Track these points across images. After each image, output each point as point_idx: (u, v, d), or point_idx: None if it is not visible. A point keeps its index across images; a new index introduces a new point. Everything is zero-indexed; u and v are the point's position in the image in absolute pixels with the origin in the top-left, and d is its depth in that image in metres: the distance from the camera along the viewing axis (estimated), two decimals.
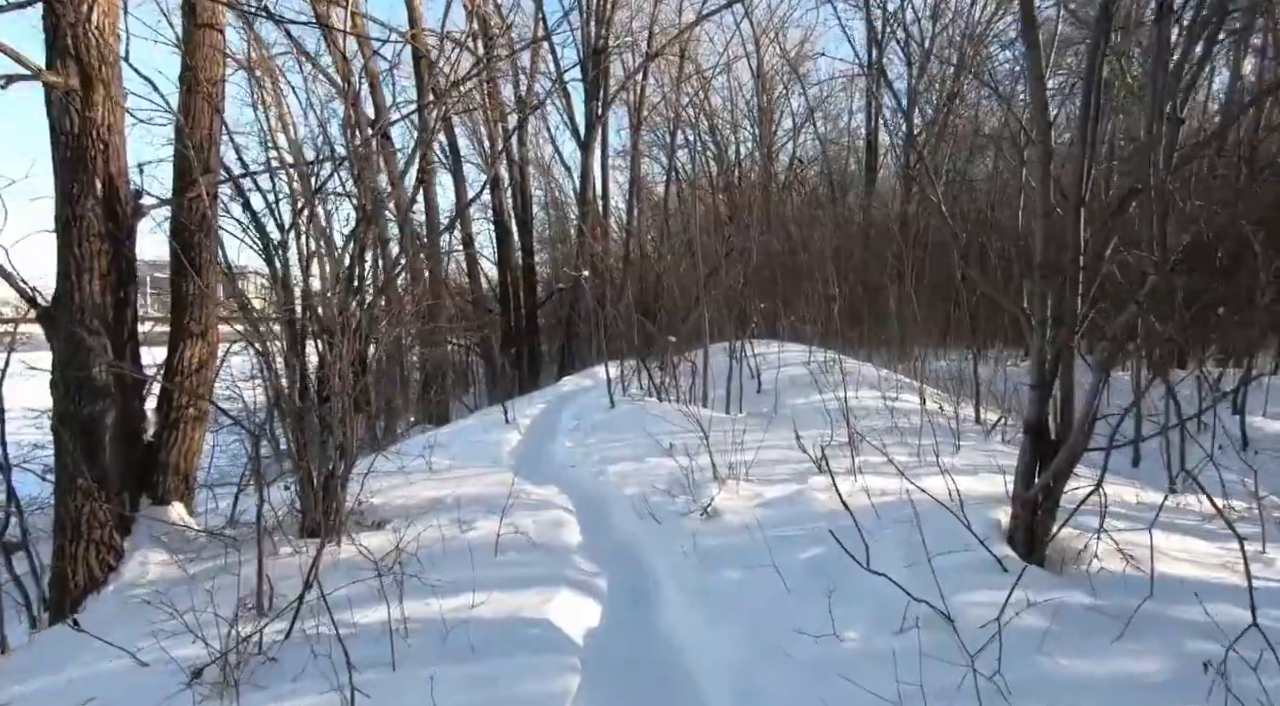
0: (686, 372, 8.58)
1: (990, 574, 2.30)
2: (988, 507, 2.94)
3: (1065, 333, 2.26)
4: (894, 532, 2.90)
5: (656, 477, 4.68)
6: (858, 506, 3.46)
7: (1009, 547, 2.46)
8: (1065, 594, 2.15)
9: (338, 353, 4.18)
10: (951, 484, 3.64)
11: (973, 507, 2.94)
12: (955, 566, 2.31)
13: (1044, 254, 2.22)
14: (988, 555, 2.37)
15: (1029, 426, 2.40)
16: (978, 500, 3.41)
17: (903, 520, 2.97)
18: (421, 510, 4.46)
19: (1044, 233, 2.19)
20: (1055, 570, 2.34)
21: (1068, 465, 2.26)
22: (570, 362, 16.31)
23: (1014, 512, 2.49)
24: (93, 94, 4.22)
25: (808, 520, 3.45)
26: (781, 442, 5.36)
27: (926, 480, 3.89)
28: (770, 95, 21.67)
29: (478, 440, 7.19)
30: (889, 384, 8.04)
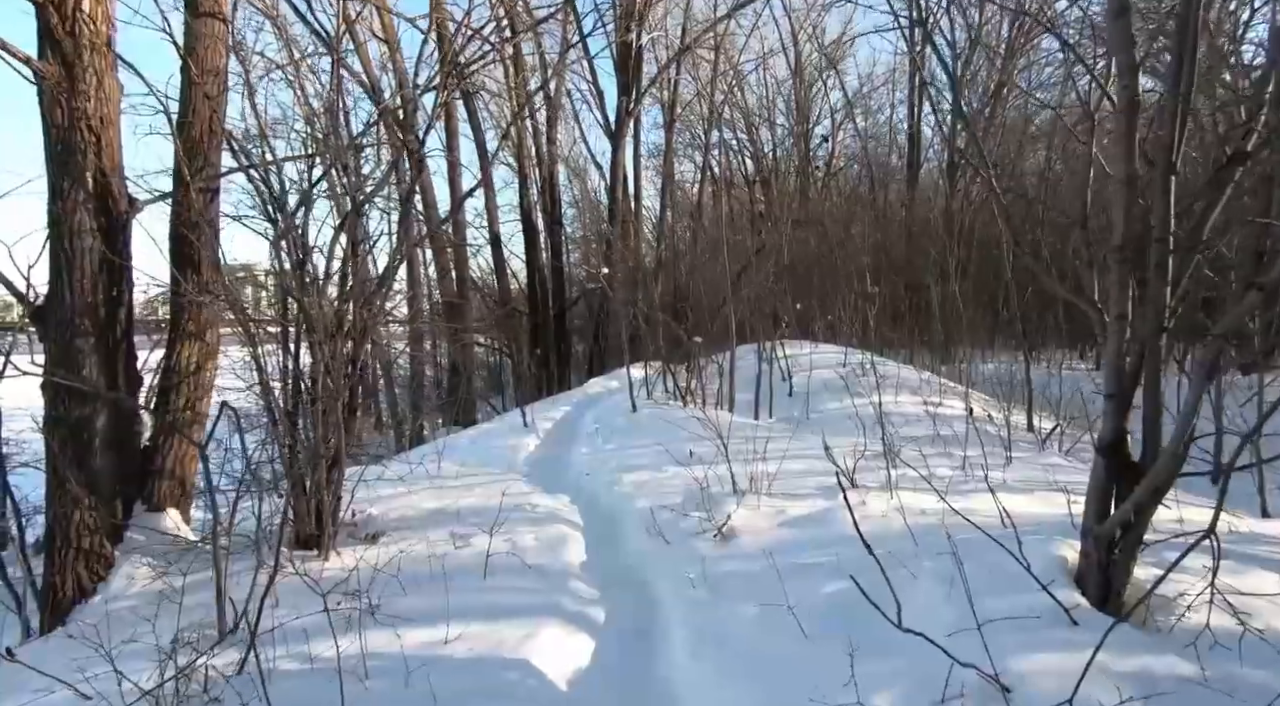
0: (714, 375, 8.18)
1: (1056, 628, 1.87)
2: (1048, 538, 2.49)
3: (1151, 329, 1.82)
4: (935, 567, 2.48)
5: (672, 490, 4.31)
6: (893, 531, 3.04)
7: (1078, 592, 2.01)
8: (1156, 658, 1.71)
9: (329, 353, 3.93)
10: (1003, 505, 3.19)
11: (1030, 537, 2.50)
12: (1012, 615, 1.89)
13: (1125, 232, 1.79)
14: (1052, 602, 1.94)
15: (1104, 445, 1.96)
16: (1035, 526, 2.95)
17: (946, 551, 2.54)
18: (420, 522, 4.18)
19: (1126, 206, 1.76)
20: (1137, 623, 1.90)
21: (1154, 495, 1.81)
22: (599, 364, 16.02)
23: (1084, 549, 2.05)
24: (84, 84, 4.07)
25: (834, 544, 3.04)
26: (810, 452, 4.93)
27: (974, 499, 3.43)
28: (807, 90, 21.06)
29: (494, 445, 6.93)
30: (931, 388, 7.50)
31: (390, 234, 4.45)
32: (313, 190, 3.98)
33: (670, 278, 15.97)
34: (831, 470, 4.19)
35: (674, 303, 10.59)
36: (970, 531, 2.77)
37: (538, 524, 3.92)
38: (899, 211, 17.16)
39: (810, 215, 14.27)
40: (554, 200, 15.00)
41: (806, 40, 20.77)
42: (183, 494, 4.57)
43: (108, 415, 4.14)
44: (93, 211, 4.10)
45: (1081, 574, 2.07)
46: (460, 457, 6.58)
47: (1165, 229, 1.78)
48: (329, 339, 3.98)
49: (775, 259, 8.34)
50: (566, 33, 14.57)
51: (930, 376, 8.17)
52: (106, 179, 4.20)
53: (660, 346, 8.22)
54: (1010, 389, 8.09)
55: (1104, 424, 1.98)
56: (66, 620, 3.90)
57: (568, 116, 18.68)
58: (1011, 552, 2.04)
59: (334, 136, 3.61)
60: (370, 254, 4.02)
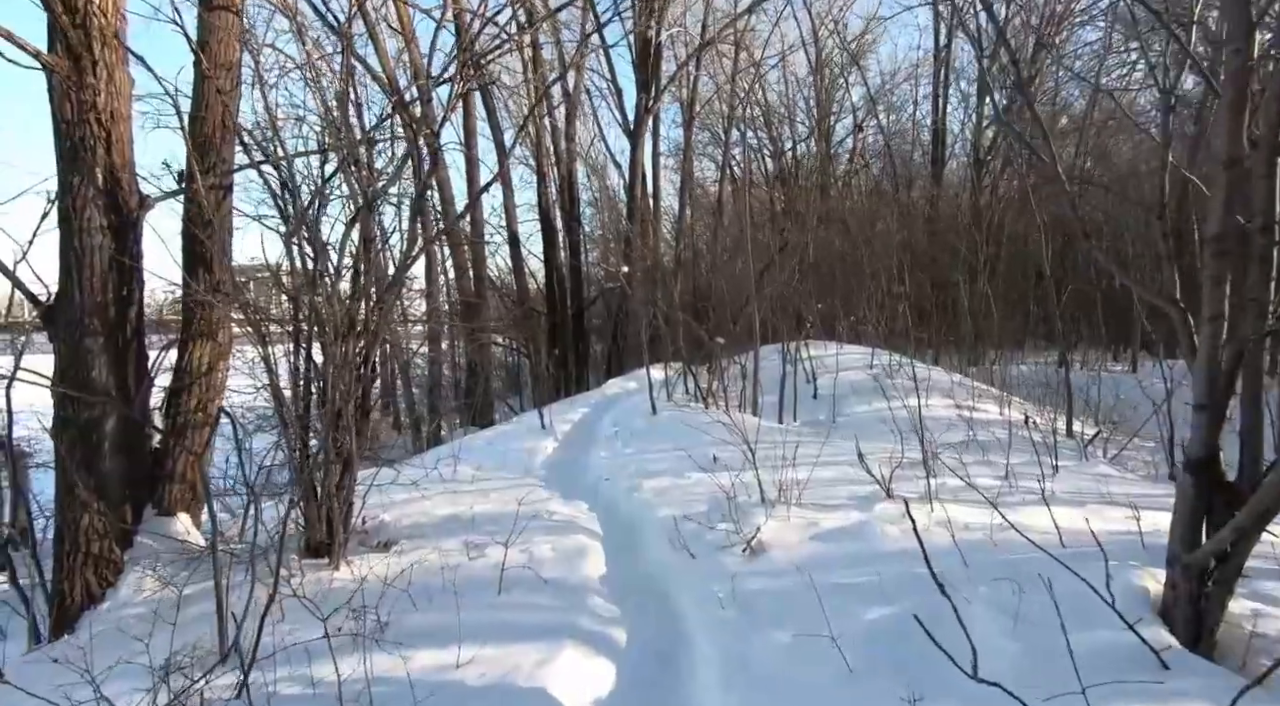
0: (737, 377, 7.96)
1: (1143, 671, 1.64)
2: (1123, 565, 2.25)
3: (1252, 330, 1.59)
4: (992, 595, 2.25)
5: (696, 498, 4.11)
6: (937, 548, 2.81)
7: (1165, 629, 1.78)
8: None
9: (340, 354, 3.79)
10: (1057, 521, 2.96)
11: (1089, 558, 2.27)
12: (1088, 656, 1.67)
13: (1225, 221, 1.56)
14: (1135, 641, 1.71)
15: (1194, 462, 1.73)
16: (1096, 546, 2.70)
17: (1001, 574, 2.32)
18: (433, 530, 4.02)
19: (1227, 191, 1.53)
20: (1235, 664, 1.67)
21: (1259, 520, 1.59)
22: (618, 364, 15.85)
23: (1171, 580, 1.82)
24: (93, 78, 3.97)
25: (874, 562, 2.82)
26: (841, 458, 4.70)
27: (1022, 513, 3.19)
28: (829, 87, 20.69)
29: (512, 447, 6.77)
30: (964, 391, 7.22)
31: (405, 230, 4.33)
32: (326, 186, 3.84)
33: (690, 277, 15.76)
34: (865, 478, 3.97)
35: (694, 302, 10.38)
36: (1025, 551, 2.54)
37: (555, 533, 3.74)
38: (923, 208, 16.78)
39: (833, 212, 13.97)
40: (572, 199, 14.86)
41: (829, 36, 20.42)
42: (194, 498, 4.46)
43: (117, 417, 4.05)
44: (103, 208, 4.01)
45: (1168, 608, 1.84)
46: (476, 460, 6.43)
47: (1270, 217, 1.56)
48: (340, 339, 3.85)
49: (799, 257, 8.09)
50: (585, 26, 14.41)
51: (961, 378, 7.87)
52: (117, 175, 4.10)
53: (680, 347, 8.02)
54: (1047, 392, 7.79)
55: (1192, 438, 1.75)
56: (75, 627, 3.81)
57: (586, 115, 18.56)
58: (1089, 583, 1.82)
59: (345, 128, 3.46)
60: (385, 251, 3.87)
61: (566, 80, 14.63)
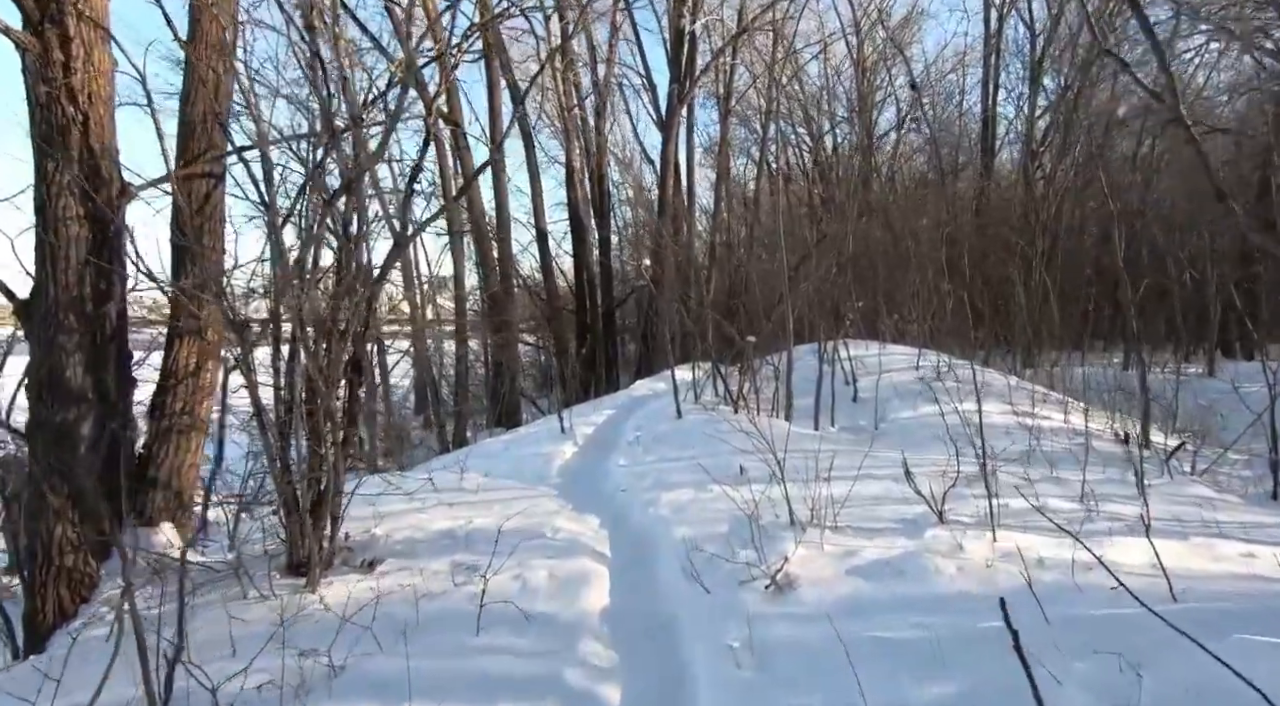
0: (769, 378, 7.43)
1: None
2: (1249, 621, 1.71)
3: None
4: (1092, 675, 1.73)
5: (717, 516, 3.64)
6: (1006, 592, 2.29)
7: None
8: None
9: (323, 354, 3.44)
10: (1158, 557, 2.40)
11: (1215, 620, 1.73)
12: None
13: None
14: None
15: None
16: (1212, 595, 2.15)
17: (1097, 637, 1.79)
18: (425, 547, 3.65)
19: None
20: None
21: None
22: (649, 364, 15.43)
23: None
24: (70, 58, 3.72)
25: (926, 608, 2.32)
26: (884, 471, 4.18)
27: (1110, 546, 2.64)
28: (871, 80, 19.85)
29: (528, 452, 6.40)
30: (1023, 395, 6.55)
31: (409, 223, 3.93)
32: (318, 171, 3.49)
33: (724, 274, 15.22)
34: (913, 496, 3.45)
35: (727, 299, 9.89)
36: (1125, 602, 2.00)
37: (557, 556, 3.32)
38: (972, 200, 15.88)
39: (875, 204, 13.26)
40: (603, 194, 14.47)
41: (870, 26, 19.59)
42: (180, 506, 4.19)
43: (95, 420, 3.79)
44: (80, 196, 3.76)
45: None
46: (489, 466, 6.07)
47: None
48: (324, 337, 3.50)
49: (838, 250, 7.51)
50: (615, 17, 14.01)
51: (1018, 382, 7.19)
52: (96, 160, 3.84)
53: (710, 346, 7.53)
54: (1115, 397, 7.05)
55: None
56: (46, 645, 3.56)
57: (618, 110, 18.18)
58: (1235, 671, 1.30)
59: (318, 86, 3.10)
60: (368, 240, 3.50)
61: (597, 72, 14.27)
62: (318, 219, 3.18)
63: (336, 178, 3.62)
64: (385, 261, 3.57)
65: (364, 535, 3.88)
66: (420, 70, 3.79)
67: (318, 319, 3.34)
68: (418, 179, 3.59)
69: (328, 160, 3.20)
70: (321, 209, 3.15)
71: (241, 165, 3.85)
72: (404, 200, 3.57)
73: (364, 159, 3.18)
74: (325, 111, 3.19)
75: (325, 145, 3.41)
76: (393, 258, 3.56)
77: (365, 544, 3.78)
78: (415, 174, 3.61)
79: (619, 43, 14.47)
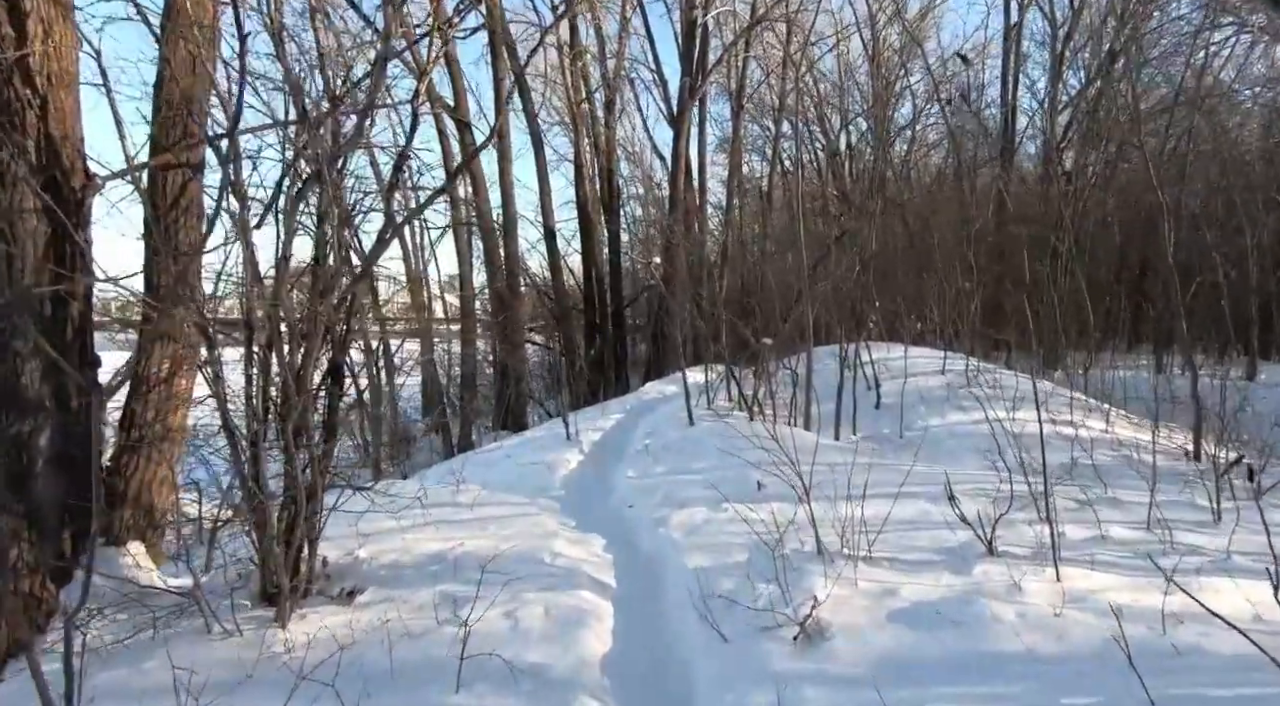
0: (785, 382, 7.05)
1: None
2: None
3: None
4: None
5: (734, 541, 3.27)
6: (1085, 651, 1.91)
7: None
8: None
9: (299, 360, 3.11)
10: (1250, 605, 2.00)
11: None
12: None
13: None
14: None
15: None
16: None
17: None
18: (411, 574, 3.31)
19: None
20: None
21: None
22: (659, 366, 15.06)
23: None
24: (24, 34, 3.40)
25: (988, 670, 1.94)
26: (916, 487, 3.78)
27: (1196, 587, 2.24)
28: (887, 76, 19.36)
29: (530, 461, 6.05)
30: (1060, 403, 6.13)
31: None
32: (297, 158, 3.15)
33: (737, 272, 14.81)
34: (951, 518, 3.06)
35: (741, 298, 9.50)
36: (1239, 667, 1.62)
37: (554, 587, 2.97)
38: (993, 196, 15.37)
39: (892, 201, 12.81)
40: (612, 191, 14.10)
41: (887, 23, 19.10)
42: (150, 525, 3.87)
43: (54, 431, 3.48)
44: (39, 187, 3.44)
45: None
46: (489, 476, 5.74)
47: None
48: (301, 340, 3.17)
49: (860, 247, 7.10)
50: (625, 10, 13.65)
51: (1053, 387, 6.75)
52: (56, 148, 3.52)
53: (724, 348, 7.15)
54: (1166, 405, 6.61)
55: None
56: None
57: (629, 106, 17.80)
58: None
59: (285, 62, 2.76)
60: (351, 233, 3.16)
61: (606, 66, 13.90)
62: (289, 210, 2.84)
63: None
64: (369, 256, 3.23)
65: (346, 558, 3.55)
66: (410, 48, 3.45)
67: (291, 320, 3.01)
68: (404, 167, 3.25)
69: (312, 146, 2.85)
70: (292, 199, 2.81)
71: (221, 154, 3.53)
72: (388, 189, 3.23)
73: (337, 144, 2.83)
74: (298, 92, 2.85)
75: (300, 130, 3.08)
76: (376, 252, 3.22)
77: (347, 568, 3.45)
78: (402, 161, 3.27)
79: (629, 37, 14.11)
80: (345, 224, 3.22)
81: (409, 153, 3.27)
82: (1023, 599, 2.35)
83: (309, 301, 3.14)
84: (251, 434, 3.09)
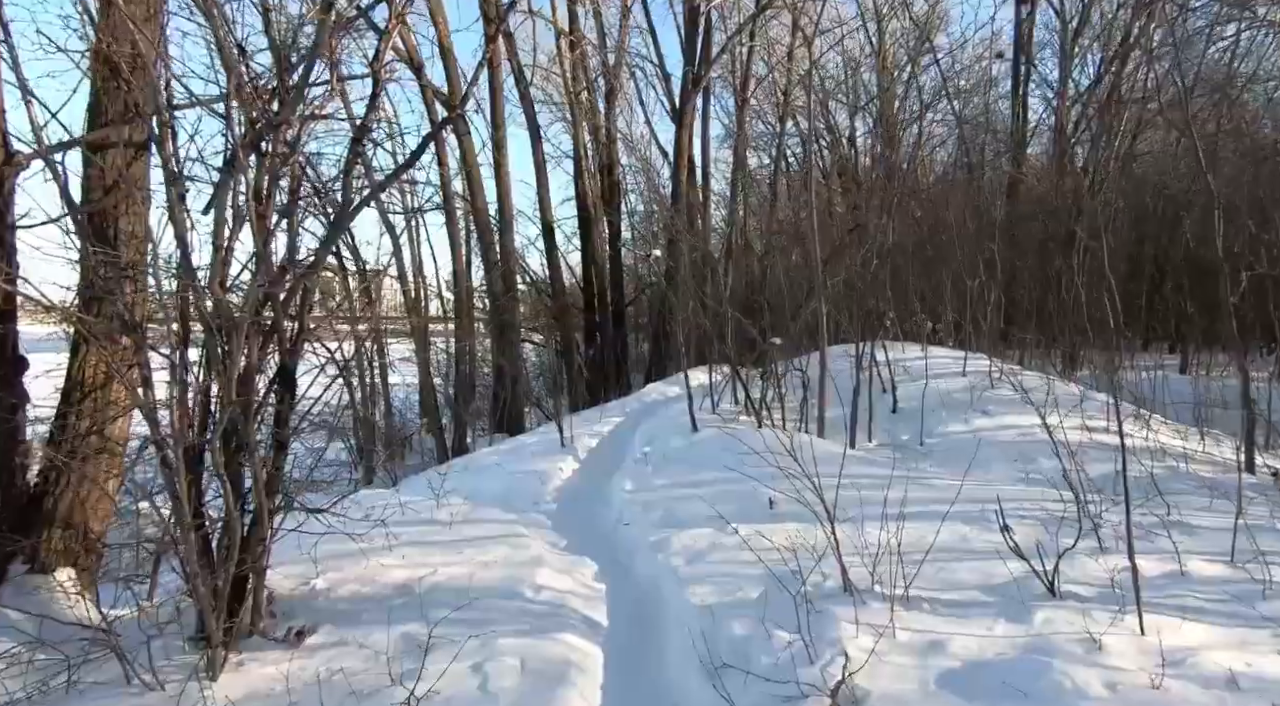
0: (795, 383, 6.60)
1: None
2: None
3: None
4: None
5: (743, 572, 2.83)
6: None
7: None
8: None
9: (238, 364, 2.68)
10: None
11: None
12: None
13: None
14: None
15: None
16: None
17: None
18: (373, 608, 2.87)
19: None
20: None
21: None
22: (659, 365, 14.62)
23: None
24: None
25: None
26: (945, 504, 3.32)
27: None
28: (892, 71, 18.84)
29: (521, 470, 5.61)
30: (1094, 406, 5.66)
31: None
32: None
33: (741, 270, 14.33)
34: (996, 543, 2.62)
35: (745, 296, 9.06)
36: None
37: (535, 630, 2.53)
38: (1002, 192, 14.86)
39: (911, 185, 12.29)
40: (613, 184, 13.65)
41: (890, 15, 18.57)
42: (84, 549, 3.44)
43: None
44: None
45: None
46: (477, 485, 5.30)
47: None
48: (243, 342, 2.73)
49: (878, 239, 6.63)
50: None
51: (1081, 390, 6.28)
52: None
53: (729, 348, 6.70)
54: (1199, 409, 6.17)
55: None
56: None
57: (631, 101, 17.34)
58: None
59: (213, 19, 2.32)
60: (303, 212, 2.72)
61: (607, 56, 13.44)
62: (220, 190, 2.40)
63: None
64: (321, 245, 2.78)
65: (301, 588, 3.12)
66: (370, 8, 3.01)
67: (226, 318, 2.57)
68: (364, 142, 2.81)
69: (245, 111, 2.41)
70: (224, 178, 2.37)
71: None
72: (345, 169, 2.79)
73: (274, 116, 2.40)
74: (227, 57, 2.41)
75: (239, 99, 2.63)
76: (329, 240, 2.79)
77: (300, 601, 3.01)
78: (361, 134, 2.83)
79: (630, 23, 13.64)
80: (294, 207, 2.79)
81: (369, 125, 2.83)
82: (1106, 660, 1.90)
83: (249, 296, 2.70)
84: (185, 448, 2.65)
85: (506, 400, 10.84)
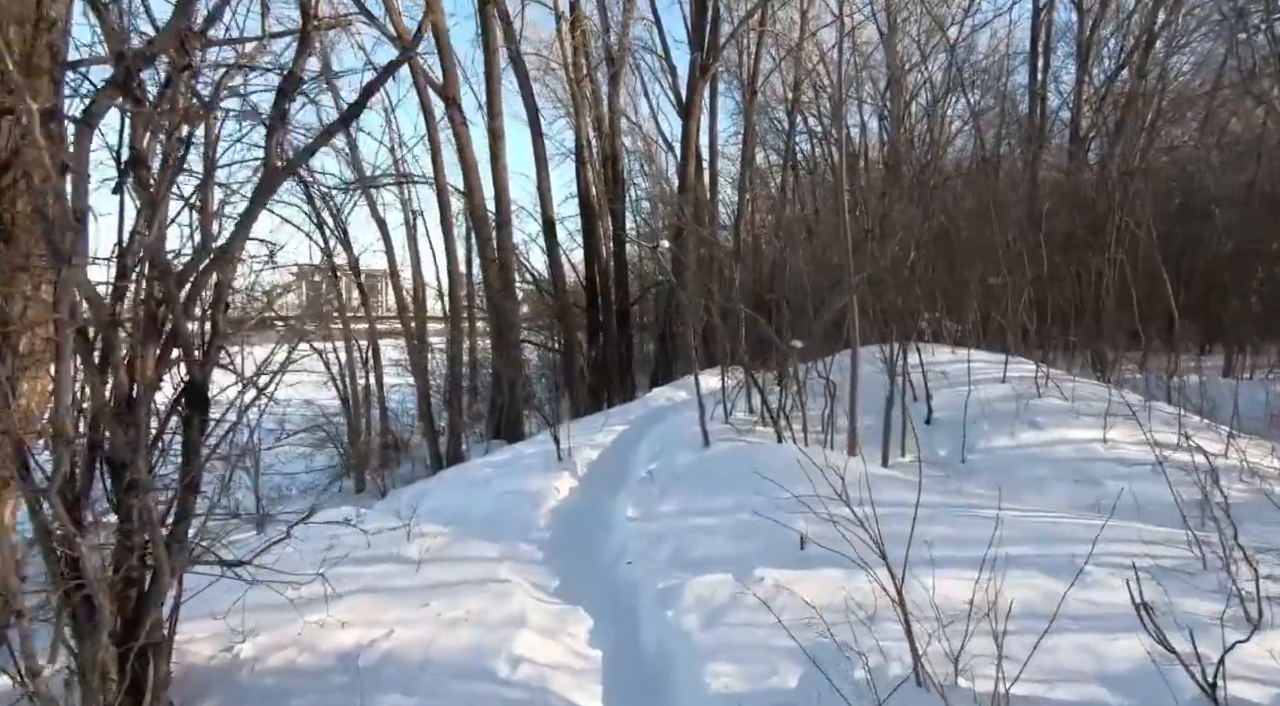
0: (816, 390, 5.96)
1: None
2: None
3: None
4: None
5: (776, 644, 2.21)
6: None
7: None
8: None
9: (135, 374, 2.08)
10: None
11: None
12: None
13: None
14: None
15: None
16: None
17: None
18: (305, 687, 2.27)
19: None
20: None
21: None
22: (667, 367, 13.99)
23: None
24: None
25: None
26: (1004, 537, 2.68)
27: None
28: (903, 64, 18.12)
29: (512, 488, 5.00)
30: (1157, 418, 4.98)
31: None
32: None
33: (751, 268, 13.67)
34: (1102, 605, 1.98)
35: (756, 291, 8.41)
36: None
37: None
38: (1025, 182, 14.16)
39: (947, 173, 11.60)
40: (617, 178, 13.01)
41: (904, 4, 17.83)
42: None
43: None
44: None
45: None
46: (464, 505, 4.72)
47: None
48: (140, 346, 2.14)
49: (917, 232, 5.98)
50: None
51: (1140, 400, 5.61)
52: None
53: (743, 351, 6.07)
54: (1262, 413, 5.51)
55: None
56: None
57: (636, 94, 16.70)
58: None
59: None
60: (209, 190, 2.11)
61: (610, 44, 12.81)
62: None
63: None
64: (237, 227, 2.18)
65: (223, 654, 2.51)
66: None
67: (100, 319, 1.97)
68: (291, 95, 2.21)
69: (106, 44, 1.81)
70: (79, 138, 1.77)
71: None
72: (270, 126, 2.18)
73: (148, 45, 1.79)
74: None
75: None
76: (248, 219, 2.18)
77: (221, 672, 2.41)
78: (292, 86, 2.23)
79: (635, 9, 13.01)
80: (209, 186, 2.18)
81: (297, 74, 2.22)
82: None
83: (142, 293, 2.11)
84: (59, 484, 2.05)
85: (504, 405, 10.24)
